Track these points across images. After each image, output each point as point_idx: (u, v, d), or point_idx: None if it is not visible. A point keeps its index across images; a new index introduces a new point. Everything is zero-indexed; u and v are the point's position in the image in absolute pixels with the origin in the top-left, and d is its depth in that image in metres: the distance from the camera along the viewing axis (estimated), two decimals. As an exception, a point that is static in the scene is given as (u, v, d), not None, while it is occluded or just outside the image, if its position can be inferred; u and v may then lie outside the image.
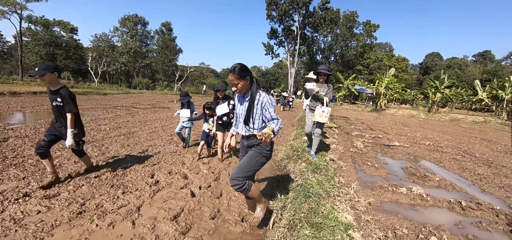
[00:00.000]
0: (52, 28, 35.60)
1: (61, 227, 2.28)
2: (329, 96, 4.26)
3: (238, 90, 2.10)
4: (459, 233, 2.52)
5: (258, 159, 2.17)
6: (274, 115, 2.09)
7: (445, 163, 5.30)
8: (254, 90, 2.12)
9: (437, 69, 48.37)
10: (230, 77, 2.04)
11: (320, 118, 4.18)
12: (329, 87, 4.31)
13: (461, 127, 13.63)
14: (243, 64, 2.08)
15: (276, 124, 2.04)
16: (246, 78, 2.07)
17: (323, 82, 4.37)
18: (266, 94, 2.15)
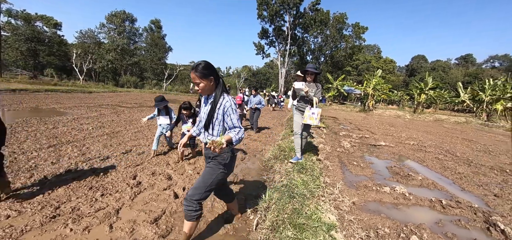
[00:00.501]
0: (34, 23, 34.09)
1: (32, 232, 2.15)
2: (318, 96, 3.96)
3: (200, 91, 1.87)
4: (439, 231, 2.58)
5: (215, 174, 1.96)
6: (237, 123, 1.88)
7: (428, 162, 5.45)
8: (218, 92, 1.91)
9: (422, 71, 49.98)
10: (192, 75, 1.83)
11: (310, 120, 3.86)
12: (318, 87, 3.99)
13: (444, 127, 14.12)
14: (208, 62, 1.86)
15: (236, 133, 1.82)
16: (210, 78, 1.85)
17: (311, 81, 4.03)
18: (230, 98, 1.93)
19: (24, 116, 7.34)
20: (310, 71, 3.97)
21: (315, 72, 3.99)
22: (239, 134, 1.84)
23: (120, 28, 39.52)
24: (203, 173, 2.02)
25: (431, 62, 61.37)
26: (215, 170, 1.97)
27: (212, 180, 1.94)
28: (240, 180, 3.74)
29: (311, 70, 3.96)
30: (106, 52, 37.11)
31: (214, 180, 1.94)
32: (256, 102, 7.79)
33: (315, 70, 3.98)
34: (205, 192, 1.91)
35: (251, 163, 4.65)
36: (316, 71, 3.98)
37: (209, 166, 2.01)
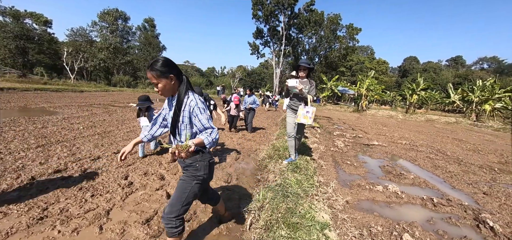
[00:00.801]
0: (23, 20, 33.20)
1: (18, 234, 2.08)
2: (312, 94, 3.73)
3: (159, 92, 1.62)
4: (431, 229, 2.61)
5: (190, 187, 1.74)
6: (207, 123, 1.64)
7: (420, 161, 5.53)
8: (182, 92, 1.66)
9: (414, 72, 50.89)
10: (148, 75, 1.58)
11: (304, 120, 3.63)
12: (311, 84, 3.74)
13: (435, 127, 14.40)
14: (168, 59, 1.61)
15: (208, 135, 1.59)
16: (169, 76, 1.59)
17: (304, 77, 3.74)
18: (196, 97, 1.69)
19: (12, 115, 7.13)
20: (303, 66, 3.67)
21: (308, 67, 3.69)
22: (212, 135, 1.60)
23: (113, 26, 38.84)
24: (177, 186, 1.78)
25: (423, 63, 62.55)
26: (189, 182, 1.75)
27: (187, 194, 1.73)
28: (234, 180, 3.71)
29: (304, 65, 3.66)
30: (98, 51, 36.44)
31: (189, 194, 1.73)
32: (251, 102, 7.72)
33: (308, 65, 3.67)
34: (182, 207, 1.72)
35: (245, 163, 4.63)
36: (309, 66, 3.68)
37: (183, 179, 1.78)
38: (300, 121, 3.68)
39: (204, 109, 1.68)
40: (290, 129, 4.04)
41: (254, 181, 3.73)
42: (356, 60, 47.49)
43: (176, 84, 1.67)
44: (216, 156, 4.86)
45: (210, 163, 1.85)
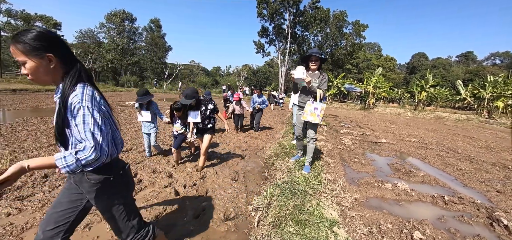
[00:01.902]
0: (33, 23, 34.07)
1: (32, 230, 2.14)
2: (323, 88, 3.23)
3: (30, 77, 1.11)
4: (442, 227, 2.56)
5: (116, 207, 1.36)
6: (86, 135, 1.09)
7: (430, 159, 5.42)
8: (67, 84, 1.14)
9: (423, 69, 49.89)
10: (11, 48, 1.09)
11: (311, 117, 3.18)
12: (323, 77, 3.25)
13: (445, 125, 14.08)
14: (48, 31, 1.15)
15: (69, 154, 1.07)
16: (45, 56, 1.10)
17: (315, 70, 3.28)
18: (86, 91, 1.16)
19: (25, 115, 7.33)
20: (315, 56, 3.21)
21: (320, 58, 3.23)
22: (80, 154, 1.07)
23: (120, 27, 39.43)
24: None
25: (432, 59, 61.22)
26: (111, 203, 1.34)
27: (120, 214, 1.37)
28: (241, 177, 3.72)
29: (315, 55, 3.19)
30: (106, 52, 37.06)
31: (121, 212, 1.37)
32: (260, 102, 7.52)
33: (320, 55, 3.21)
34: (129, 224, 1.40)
35: (252, 161, 4.63)
36: (321, 56, 3.21)
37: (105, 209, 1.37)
38: (307, 118, 3.27)
39: (91, 110, 1.13)
40: (298, 131, 3.66)
41: (261, 179, 3.74)
42: (363, 58, 46.86)
43: (60, 71, 1.16)
44: (222, 153, 4.89)
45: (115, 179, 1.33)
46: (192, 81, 47.86)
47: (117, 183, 1.34)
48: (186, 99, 3.32)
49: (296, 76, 3.04)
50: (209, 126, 3.71)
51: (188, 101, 3.32)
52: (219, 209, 2.71)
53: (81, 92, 1.14)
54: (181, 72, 45.16)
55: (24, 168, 1.04)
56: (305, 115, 3.30)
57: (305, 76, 3.01)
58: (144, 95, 3.98)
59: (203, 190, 3.14)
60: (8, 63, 32.92)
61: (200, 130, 3.77)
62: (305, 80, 3.05)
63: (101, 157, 1.13)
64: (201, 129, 3.74)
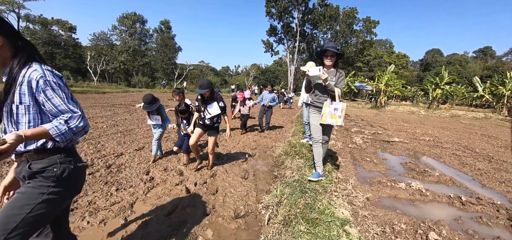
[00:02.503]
0: (50, 27, 35.47)
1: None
2: (341, 86, 2.98)
3: None
4: (459, 228, 2.47)
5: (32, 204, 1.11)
6: (65, 105, 1.13)
7: (445, 158, 5.24)
8: (18, 61, 1.11)
9: (438, 65, 48.23)
10: None
11: (332, 119, 2.90)
12: (340, 74, 2.99)
13: (462, 123, 13.57)
14: None
15: (64, 121, 1.10)
16: None
17: (331, 66, 3.01)
18: (45, 68, 1.14)
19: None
20: (330, 51, 2.94)
21: (336, 53, 2.96)
22: (71, 122, 1.12)
23: (131, 29, 40.37)
24: (8, 202, 1.15)
25: (447, 56, 59.06)
26: (32, 198, 1.12)
27: (23, 215, 1.08)
28: (251, 176, 3.73)
29: (331, 50, 2.93)
30: (119, 54, 38.07)
31: (28, 216, 1.09)
32: (270, 99, 7.06)
33: (336, 50, 2.95)
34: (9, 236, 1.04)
35: (261, 159, 4.64)
36: (337, 51, 2.95)
37: (22, 191, 1.16)
38: (326, 121, 2.92)
39: (59, 84, 1.14)
40: (317, 133, 3.17)
41: (271, 177, 3.73)
42: (374, 55, 45.85)
43: (8, 52, 1.11)
44: (232, 152, 4.92)
45: (75, 170, 1.26)
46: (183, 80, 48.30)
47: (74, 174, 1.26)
48: (200, 89, 3.30)
49: (311, 73, 2.78)
50: (216, 125, 3.64)
51: (202, 90, 3.30)
52: (229, 207, 2.73)
53: (41, 68, 1.12)
54: (191, 73, 45.74)
55: (20, 137, 0.99)
56: (324, 118, 2.95)
57: (322, 73, 2.73)
58: (151, 103, 3.85)
59: (213, 188, 3.17)
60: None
61: (206, 126, 3.60)
62: (321, 77, 2.76)
63: (87, 126, 1.18)
64: (209, 125, 3.58)
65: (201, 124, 3.60)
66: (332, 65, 3.02)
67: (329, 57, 2.97)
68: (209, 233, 2.23)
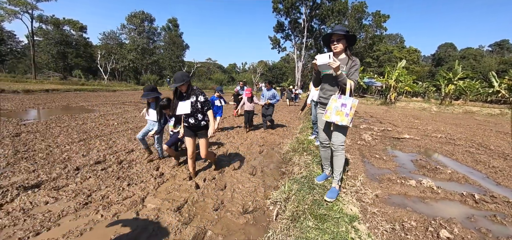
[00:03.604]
0: (62, 27, 36.42)
1: (68, 217, 2.32)
2: (355, 78, 2.39)
3: None
4: (472, 226, 2.41)
5: None
6: None
7: (458, 155, 5.11)
8: None
9: (451, 60, 46.76)
10: None
11: (337, 117, 2.35)
12: (354, 62, 2.41)
13: (476, 120, 13.14)
14: None
15: None
16: None
17: (341, 52, 2.48)
18: None
19: (57, 113, 7.91)
20: (337, 34, 2.40)
21: (344, 35, 2.40)
22: None
23: (140, 28, 40.97)
24: None
25: (461, 50, 57.10)
26: None
27: None
28: (259, 172, 3.75)
29: (338, 32, 2.38)
30: (128, 52, 38.76)
31: None
32: (269, 97, 6.78)
33: (345, 32, 2.40)
34: None
35: (269, 156, 4.65)
36: (346, 33, 2.40)
37: None
38: (330, 118, 2.40)
39: None
40: (322, 135, 2.77)
41: (278, 174, 3.74)
42: (384, 50, 44.83)
43: None
44: (240, 148, 4.95)
45: None
46: (209, 78, 48.66)
47: None
48: (175, 83, 2.84)
49: (319, 61, 2.30)
50: (203, 123, 3.11)
51: (177, 84, 2.82)
52: (237, 202, 2.76)
53: None
54: (198, 70, 46.08)
55: None
56: (327, 115, 2.44)
57: (332, 59, 2.21)
58: (151, 91, 3.67)
59: (221, 184, 3.21)
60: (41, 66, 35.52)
61: (192, 127, 3.13)
62: (332, 65, 2.22)
63: None
64: (194, 125, 3.09)
65: (186, 126, 3.16)
66: (342, 51, 2.48)
67: (335, 41, 2.43)
68: (218, 228, 2.27)
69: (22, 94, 13.15)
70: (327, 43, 2.55)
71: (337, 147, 2.49)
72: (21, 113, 7.61)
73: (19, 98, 11.46)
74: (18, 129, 5.44)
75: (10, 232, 2.05)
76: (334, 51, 2.45)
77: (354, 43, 2.52)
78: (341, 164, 2.54)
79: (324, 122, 2.68)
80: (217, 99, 6.20)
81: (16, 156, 3.80)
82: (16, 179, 3.02)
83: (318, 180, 2.91)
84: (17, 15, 26.64)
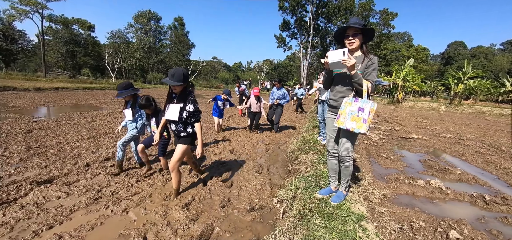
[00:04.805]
0: (71, 26, 37.09)
1: (79, 211, 2.38)
2: (372, 78, 2.12)
3: None
4: (482, 228, 2.37)
5: None
6: None
7: (468, 156, 5.01)
8: None
9: (461, 59, 45.74)
10: None
11: (352, 123, 2.05)
12: (371, 61, 2.13)
13: (486, 120, 12.85)
14: None
15: None
16: None
17: (356, 49, 2.20)
18: None
19: (67, 111, 8.08)
20: (353, 28, 2.11)
21: (360, 29, 2.11)
22: None
23: (146, 27, 41.39)
24: None
25: (471, 48, 55.81)
26: None
27: None
28: (265, 170, 3.76)
29: (354, 25, 2.08)
30: (135, 51, 39.23)
31: None
32: (279, 97, 6.29)
33: (361, 25, 2.10)
34: None
35: (275, 155, 4.66)
36: (363, 27, 2.11)
37: None
38: (344, 125, 2.08)
39: None
40: (330, 143, 2.44)
41: (285, 172, 3.75)
42: (391, 49, 44.18)
43: None
44: (245, 147, 4.97)
45: None
46: (214, 77, 48.86)
47: None
48: (171, 80, 2.42)
49: (331, 58, 2.01)
50: (183, 134, 2.61)
51: (173, 82, 2.41)
52: (244, 200, 2.78)
53: None
54: (204, 69, 46.32)
55: None
56: (340, 120, 2.11)
57: (346, 56, 1.93)
58: (125, 89, 3.17)
59: (228, 182, 3.23)
60: (51, 64, 36.28)
61: (177, 134, 2.65)
62: (346, 63, 1.94)
63: None
64: (175, 134, 2.68)
65: (171, 130, 2.74)
66: (357, 48, 2.19)
67: (351, 36, 2.12)
68: (226, 225, 2.29)
69: (33, 92, 13.47)
70: (341, 38, 2.24)
71: (344, 156, 2.26)
72: (32, 111, 7.81)
73: (30, 96, 11.75)
74: (30, 126, 5.58)
75: (25, 225, 2.12)
76: (349, 47, 2.15)
77: (371, 39, 2.24)
78: (349, 173, 2.35)
79: (334, 128, 2.36)
80: (221, 101, 6.05)
81: (29, 152, 3.91)
82: (29, 174, 3.11)
83: (320, 194, 2.54)
84: (28, 14, 27.27)
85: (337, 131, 2.36)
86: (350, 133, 2.14)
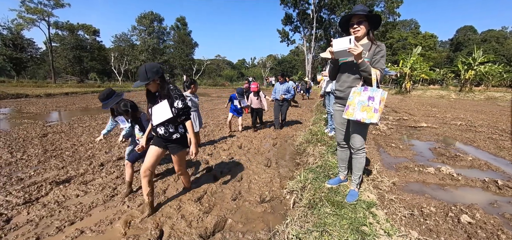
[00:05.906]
0: (76, 32, 37.73)
1: (98, 208, 2.49)
2: (380, 66, 2.05)
3: None
4: (494, 212, 2.36)
5: None
6: None
7: (479, 142, 4.93)
8: None
9: (471, 44, 44.37)
10: None
11: (363, 113, 1.95)
12: (378, 48, 2.06)
13: (499, 106, 12.51)
14: None
15: None
16: None
17: (362, 37, 2.11)
18: None
19: (78, 115, 8.30)
20: (358, 16, 2.03)
21: (368, 16, 2.04)
22: None
23: (150, 29, 41.69)
24: None
25: (482, 33, 53.98)
26: None
27: None
28: (274, 164, 3.81)
29: (359, 12, 2.01)
30: (139, 53, 39.64)
31: None
32: (283, 91, 6.02)
33: (366, 12, 2.02)
34: None
35: (283, 148, 4.69)
36: (369, 13, 2.02)
37: None
38: (354, 116, 1.99)
39: None
40: (339, 135, 2.40)
41: (293, 164, 3.79)
42: (397, 37, 43.27)
43: None
44: (253, 142, 5.02)
45: None
46: (219, 75, 48.98)
47: None
48: (140, 81, 2.12)
49: (336, 47, 1.92)
50: (176, 136, 2.32)
51: (141, 82, 2.11)
52: (254, 192, 2.84)
53: None
54: (208, 67, 46.49)
55: None
56: (349, 111, 2.03)
57: (353, 44, 1.84)
58: (108, 98, 2.80)
59: (238, 176, 3.30)
60: (59, 70, 37.10)
61: (162, 140, 2.34)
62: (353, 51, 1.85)
63: None
64: (164, 137, 2.31)
65: (156, 136, 2.39)
66: (364, 36, 2.11)
67: (356, 24, 2.05)
68: (238, 216, 2.36)
69: (44, 98, 13.87)
70: (346, 27, 2.15)
71: (357, 150, 2.20)
72: (45, 116, 8.06)
73: (42, 102, 12.11)
74: (44, 130, 5.78)
75: (48, 222, 2.23)
76: (356, 34, 2.06)
77: (378, 26, 2.16)
78: (361, 167, 2.27)
79: (343, 121, 2.30)
80: (237, 100, 5.95)
81: (46, 155, 4.07)
82: (48, 175, 3.25)
83: (329, 184, 2.53)
84: (35, 22, 27.91)
85: (347, 123, 2.30)
86: (361, 124, 2.06)
